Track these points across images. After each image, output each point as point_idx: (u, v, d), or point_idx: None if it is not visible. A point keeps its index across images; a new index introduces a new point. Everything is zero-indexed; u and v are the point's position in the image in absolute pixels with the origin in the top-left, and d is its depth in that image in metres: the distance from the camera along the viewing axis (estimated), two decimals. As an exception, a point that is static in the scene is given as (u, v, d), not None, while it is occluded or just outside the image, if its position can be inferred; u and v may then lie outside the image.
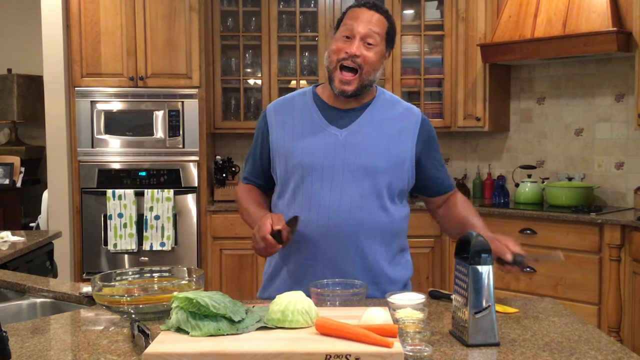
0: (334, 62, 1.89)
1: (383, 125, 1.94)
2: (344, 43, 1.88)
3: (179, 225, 4.41)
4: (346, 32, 1.88)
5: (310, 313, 1.50)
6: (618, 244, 3.58)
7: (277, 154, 1.97)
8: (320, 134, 1.92)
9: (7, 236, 3.12)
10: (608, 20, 3.67)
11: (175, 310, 1.49)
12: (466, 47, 4.51)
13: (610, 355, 1.38)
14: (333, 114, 1.95)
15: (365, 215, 1.89)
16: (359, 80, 1.88)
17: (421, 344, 1.36)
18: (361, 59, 1.86)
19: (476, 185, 4.80)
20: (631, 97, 4.04)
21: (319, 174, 1.90)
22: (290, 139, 1.94)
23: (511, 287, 3.99)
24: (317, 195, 1.89)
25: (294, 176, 1.93)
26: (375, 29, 1.88)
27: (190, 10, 4.39)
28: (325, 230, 1.88)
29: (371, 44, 1.88)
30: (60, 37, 4.35)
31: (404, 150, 1.94)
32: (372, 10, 1.90)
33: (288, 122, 1.97)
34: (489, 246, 1.47)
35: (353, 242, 1.90)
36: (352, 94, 1.90)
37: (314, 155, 1.90)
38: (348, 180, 1.89)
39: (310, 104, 1.98)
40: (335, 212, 1.88)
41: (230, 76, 4.80)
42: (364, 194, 1.89)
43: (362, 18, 1.88)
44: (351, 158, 1.89)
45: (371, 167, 1.90)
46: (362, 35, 1.87)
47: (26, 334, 1.58)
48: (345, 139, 1.91)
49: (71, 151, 4.42)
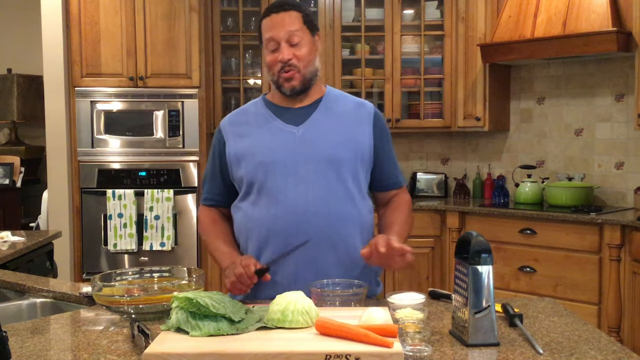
0: (276, 74, 1.93)
1: (339, 117, 1.97)
2: (273, 55, 1.92)
3: (179, 225, 4.41)
4: (270, 45, 1.92)
5: (310, 313, 1.50)
6: (618, 244, 3.58)
7: (236, 161, 1.96)
8: (278, 134, 1.94)
9: (7, 236, 3.12)
10: (608, 20, 3.67)
11: (175, 310, 1.49)
12: (466, 47, 4.50)
13: (610, 355, 1.38)
14: (287, 114, 1.96)
15: (332, 206, 1.90)
16: (300, 76, 1.91)
17: (421, 344, 1.36)
18: (294, 60, 1.90)
19: (476, 185, 4.80)
20: (631, 97, 4.04)
21: (282, 169, 1.90)
22: (249, 144, 1.95)
23: (511, 287, 3.99)
24: (283, 191, 1.89)
25: (257, 176, 1.92)
26: (293, 27, 1.90)
27: (190, 10, 4.39)
28: (295, 225, 1.88)
29: (296, 43, 1.91)
30: (60, 37, 4.35)
31: (363, 141, 1.96)
32: (281, 12, 1.92)
33: (244, 131, 1.98)
34: (489, 246, 1.47)
35: (323, 234, 1.89)
36: (301, 88, 1.93)
37: (274, 153, 1.91)
38: (312, 173, 1.90)
39: (263, 110, 2.00)
40: (302, 206, 1.88)
41: (230, 76, 4.80)
42: (329, 186, 1.90)
43: (276, 25, 1.91)
44: (312, 151, 1.91)
45: (334, 158, 1.91)
46: (285, 40, 1.90)
47: (26, 334, 1.58)
48: (303, 134, 1.93)
49: (71, 151, 4.42)
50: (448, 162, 4.99)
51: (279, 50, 1.90)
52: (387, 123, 2.11)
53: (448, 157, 5.00)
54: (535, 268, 3.90)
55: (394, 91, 4.67)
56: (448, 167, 4.99)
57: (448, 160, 4.99)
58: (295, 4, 1.95)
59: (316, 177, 1.89)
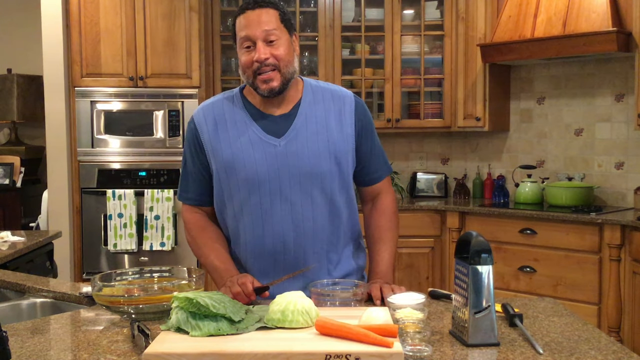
0: (251, 75, 1.83)
1: (319, 123, 1.88)
2: (249, 54, 1.81)
3: (179, 225, 4.40)
4: (245, 42, 1.81)
5: (310, 313, 1.50)
6: (618, 244, 3.58)
7: (216, 169, 1.90)
8: (259, 145, 1.85)
9: (7, 236, 3.12)
10: (608, 20, 3.67)
11: (175, 310, 1.49)
12: (466, 47, 4.50)
13: (610, 355, 1.38)
14: (267, 123, 1.87)
15: (319, 223, 1.88)
16: (280, 76, 1.82)
17: (421, 344, 1.36)
18: (272, 59, 1.80)
19: (476, 185, 4.80)
20: (631, 97, 4.04)
21: (265, 189, 1.85)
22: (229, 153, 1.87)
23: (511, 287, 3.99)
24: (267, 211, 1.86)
25: (239, 192, 1.87)
26: (270, 26, 1.81)
27: (190, 10, 4.39)
28: (281, 245, 1.87)
29: (274, 41, 1.81)
30: (60, 37, 4.35)
31: (345, 144, 1.90)
32: (257, 9, 1.82)
33: (222, 133, 1.88)
34: (489, 246, 1.47)
35: (310, 251, 1.89)
36: (280, 90, 1.84)
37: (256, 169, 1.84)
38: (296, 191, 1.85)
39: (241, 111, 1.90)
40: (288, 225, 1.86)
41: (230, 76, 4.80)
42: (315, 202, 1.87)
43: (252, 22, 1.80)
44: (295, 168, 1.85)
45: (317, 173, 1.86)
46: (262, 38, 1.80)
47: (26, 334, 1.58)
48: (285, 148, 1.85)
49: (71, 151, 4.42)
50: (448, 162, 4.99)
51: (254, 49, 1.80)
52: (371, 114, 2.02)
53: (448, 157, 5.00)
54: (535, 268, 3.90)
55: (394, 91, 4.67)
56: (448, 167, 4.99)
57: (448, 160, 4.99)
58: (272, 1, 1.85)
59: (301, 195, 1.86)
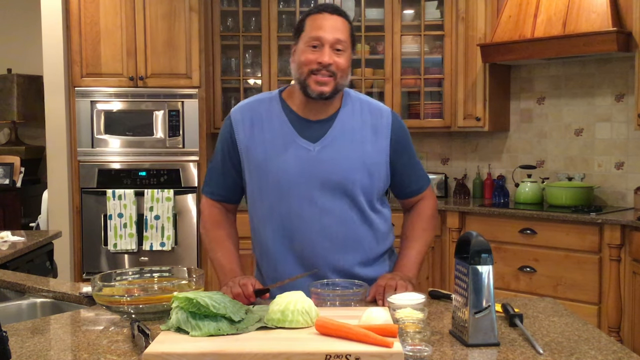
0: (305, 73, 1.83)
1: (355, 134, 1.90)
2: (312, 53, 1.82)
3: (179, 225, 4.41)
4: (313, 41, 1.82)
5: (310, 313, 1.50)
6: (618, 244, 3.58)
7: (248, 168, 1.91)
8: (292, 148, 1.86)
9: (7, 236, 3.12)
10: (608, 20, 3.67)
11: (175, 310, 1.49)
12: (466, 47, 4.50)
13: (610, 355, 1.38)
14: (303, 126, 1.89)
15: (349, 231, 1.89)
16: (334, 84, 1.84)
17: (421, 344, 1.36)
18: (334, 67, 1.81)
19: (476, 185, 4.80)
20: (631, 97, 4.04)
21: (295, 193, 1.86)
22: (262, 153, 1.88)
23: (511, 287, 3.99)
24: (297, 215, 1.87)
25: (269, 195, 1.88)
26: (342, 36, 1.83)
27: (190, 10, 4.39)
28: (310, 250, 1.88)
29: (340, 50, 1.83)
30: (60, 37, 4.35)
31: (379, 157, 1.92)
32: (335, 15, 1.84)
33: (257, 133, 1.90)
34: (489, 246, 1.47)
35: (339, 258, 1.89)
36: (329, 96, 1.85)
37: (288, 173, 1.85)
38: (327, 197, 1.86)
39: (278, 113, 1.91)
40: (317, 231, 1.87)
41: (230, 76, 4.80)
42: (344, 210, 1.87)
43: (327, 25, 1.82)
44: (327, 174, 1.86)
45: (349, 182, 1.87)
46: (331, 43, 1.81)
47: (26, 334, 1.58)
48: (319, 153, 1.86)
49: (71, 151, 4.42)
50: (448, 162, 4.99)
51: (320, 50, 1.81)
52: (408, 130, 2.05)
53: (448, 157, 5.00)
54: (535, 268, 3.90)
55: (394, 91, 4.67)
56: (448, 167, 4.99)
57: (448, 160, 4.99)
58: (347, 15, 1.89)
59: (331, 202, 1.86)
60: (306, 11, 1.90)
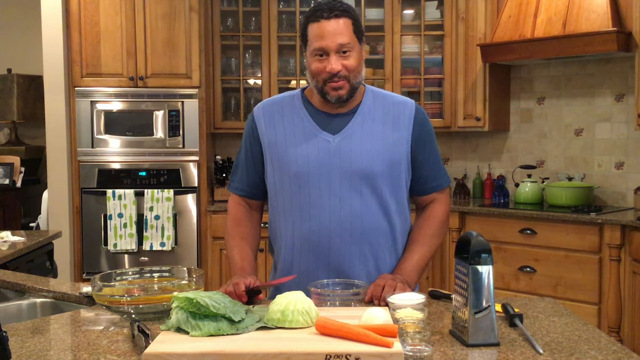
0: (321, 82, 1.84)
1: (375, 126, 1.90)
2: (320, 62, 1.82)
3: (179, 225, 4.41)
4: (318, 51, 1.82)
5: (310, 313, 1.50)
6: (618, 244, 3.58)
7: (270, 162, 1.94)
8: (313, 140, 1.89)
9: (7, 236, 3.12)
10: (608, 20, 3.67)
11: (175, 310, 1.49)
12: (466, 47, 4.50)
13: (610, 355, 1.38)
14: (323, 119, 1.91)
15: (366, 222, 1.88)
16: (349, 86, 1.84)
17: (421, 344, 1.36)
18: (344, 71, 1.81)
19: (476, 185, 4.80)
20: (631, 97, 4.04)
21: (315, 183, 1.87)
22: (283, 146, 1.91)
23: (511, 287, 3.99)
24: (316, 205, 1.87)
25: (290, 186, 1.90)
26: (345, 39, 1.80)
27: (190, 10, 4.39)
28: (327, 240, 1.88)
29: (347, 51, 1.82)
30: (60, 37, 4.35)
31: (400, 149, 1.91)
32: (333, 18, 1.80)
33: (279, 127, 1.93)
34: (489, 246, 1.47)
35: (356, 250, 1.89)
36: (347, 98, 1.86)
37: (308, 164, 1.87)
38: (346, 187, 1.86)
39: (299, 108, 1.94)
40: (336, 221, 1.87)
41: (230, 76, 4.80)
42: (364, 201, 1.87)
43: (328, 32, 1.80)
44: (347, 164, 1.86)
45: (369, 172, 1.87)
46: (336, 50, 1.80)
47: (26, 334, 1.58)
48: (339, 145, 1.88)
49: (71, 151, 4.42)
50: (448, 162, 4.99)
51: (326, 59, 1.81)
52: None
53: (448, 157, 5.00)
54: (535, 268, 3.90)
55: (394, 91, 4.67)
56: (448, 167, 4.98)
57: (448, 160, 4.99)
58: (346, 9, 1.84)
59: (350, 193, 1.86)
60: (306, 15, 1.88)
